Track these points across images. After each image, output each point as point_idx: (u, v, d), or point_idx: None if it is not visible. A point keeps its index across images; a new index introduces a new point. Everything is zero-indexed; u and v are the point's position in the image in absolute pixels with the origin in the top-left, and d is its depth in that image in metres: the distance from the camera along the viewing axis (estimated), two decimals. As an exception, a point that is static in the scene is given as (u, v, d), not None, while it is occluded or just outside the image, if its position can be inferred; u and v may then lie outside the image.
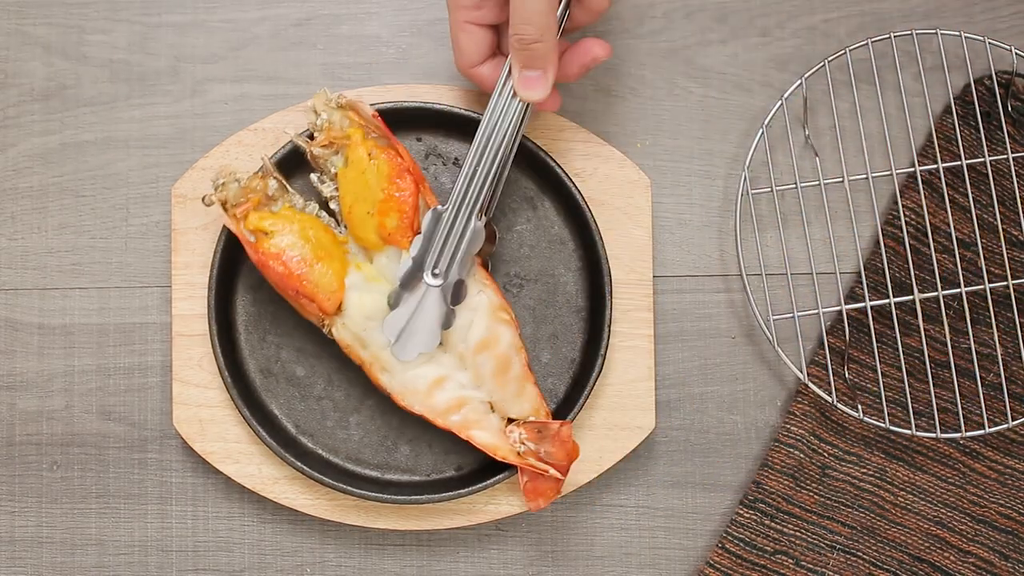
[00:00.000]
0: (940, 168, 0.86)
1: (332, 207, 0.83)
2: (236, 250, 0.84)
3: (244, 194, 0.81)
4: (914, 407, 0.86)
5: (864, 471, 0.86)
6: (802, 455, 0.86)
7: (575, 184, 0.85)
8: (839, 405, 0.85)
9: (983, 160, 0.86)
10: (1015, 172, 0.87)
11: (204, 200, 0.81)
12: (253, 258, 0.81)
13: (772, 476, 0.86)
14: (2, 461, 0.87)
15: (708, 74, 0.89)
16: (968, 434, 0.85)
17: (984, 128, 0.87)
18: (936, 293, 0.85)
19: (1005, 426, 0.85)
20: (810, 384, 0.85)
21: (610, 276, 0.84)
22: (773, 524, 0.86)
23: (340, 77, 0.88)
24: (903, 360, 0.85)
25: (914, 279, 0.85)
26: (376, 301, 0.81)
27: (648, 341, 0.86)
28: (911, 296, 0.85)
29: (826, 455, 0.86)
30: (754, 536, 0.86)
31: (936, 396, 0.86)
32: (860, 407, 0.85)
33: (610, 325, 0.84)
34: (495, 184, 0.81)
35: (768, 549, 0.86)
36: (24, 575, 0.87)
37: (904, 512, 0.86)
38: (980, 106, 0.87)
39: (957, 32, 0.86)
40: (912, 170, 0.87)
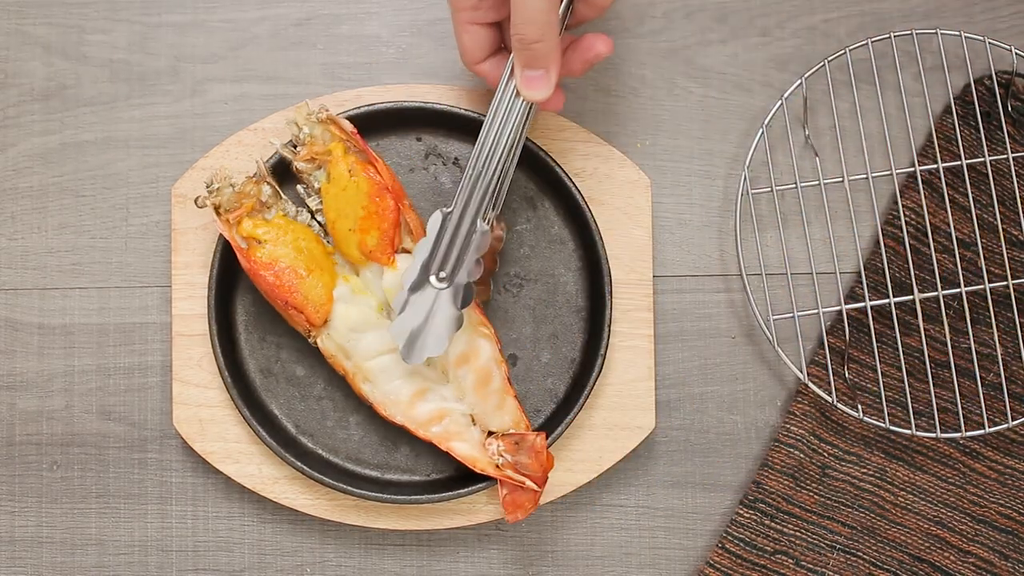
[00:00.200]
0: (940, 168, 0.86)
1: (319, 219, 0.83)
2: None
3: (238, 199, 0.81)
4: (914, 407, 0.86)
5: (864, 471, 0.86)
6: (802, 455, 0.86)
7: (575, 184, 0.85)
8: (839, 405, 0.85)
9: (983, 160, 0.86)
10: (1015, 172, 0.87)
11: (196, 202, 0.80)
12: (244, 265, 0.81)
13: (772, 476, 0.86)
14: (2, 461, 0.87)
15: (708, 74, 0.88)
16: (968, 434, 0.85)
17: (984, 128, 0.87)
18: (936, 293, 0.85)
19: (1005, 426, 0.85)
20: (810, 384, 0.85)
21: (610, 276, 0.84)
22: (773, 524, 0.86)
23: (340, 77, 0.88)
24: (903, 360, 0.85)
25: (914, 279, 0.85)
26: (361, 313, 0.81)
27: (648, 341, 0.86)
28: (911, 296, 0.85)
29: (826, 455, 0.86)
30: (754, 536, 0.86)
31: (936, 396, 0.86)
32: (860, 407, 0.85)
33: (610, 325, 0.84)
34: (500, 184, 0.80)
35: (768, 549, 0.86)
36: (24, 575, 0.87)
37: (904, 512, 0.86)
38: (980, 106, 0.87)
39: (957, 32, 0.86)
40: (912, 170, 0.87)
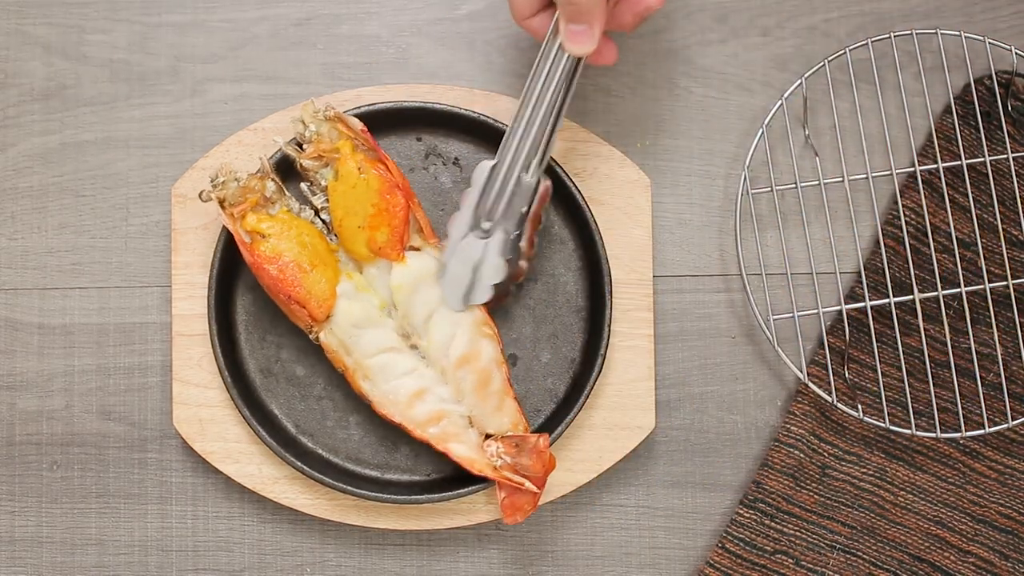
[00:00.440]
0: (940, 168, 0.86)
1: (323, 217, 0.83)
2: (236, 250, 0.84)
3: (242, 194, 0.81)
4: (914, 407, 0.86)
5: (864, 471, 0.86)
6: (802, 455, 0.86)
7: (575, 184, 0.85)
8: (839, 405, 0.85)
9: (983, 160, 0.86)
10: (1015, 172, 0.86)
11: (201, 196, 0.81)
12: (248, 259, 0.81)
13: (772, 476, 0.86)
14: (2, 461, 0.87)
15: (708, 74, 0.88)
16: (968, 434, 0.85)
17: (984, 128, 0.87)
18: (936, 293, 0.85)
19: (1005, 426, 0.85)
20: (810, 384, 0.85)
21: (610, 276, 0.84)
22: (773, 524, 0.86)
23: (340, 77, 0.88)
24: (903, 360, 0.85)
25: (914, 279, 0.85)
26: (364, 310, 0.81)
27: (648, 341, 0.86)
28: (911, 296, 0.85)
29: (826, 455, 0.86)
30: (754, 536, 0.86)
31: (936, 396, 0.86)
32: (860, 407, 0.85)
33: (610, 325, 0.84)
34: (546, 139, 0.80)
35: (768, 549, 0.86)
36: (24, 575, 0.87)
37: (904, 512, 0.86)
38: (980, 106, 0.87)
39: (957, 32, 0.86)
40: (912, 170, 0.87)
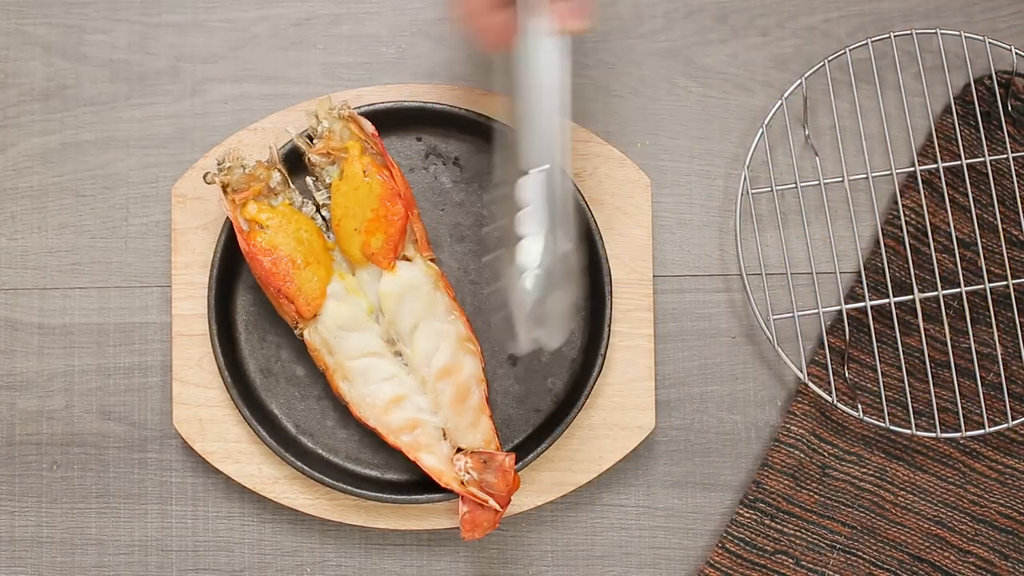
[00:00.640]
0: (940, 168, 0.86)
1: (324, 214, 0.83)
2: (236, 250, 0.84)
3: (247, 181, 0.81)
4: (914, 407, 0.86)
5: (864, 471, 0.86)
6: (802, 455, 0.86)
7: (575, 184, 0.85)
8: (839, 405, 0.85)
9: (983, 160, 0.86)
10: (1015, 172, 0.86)
11: (205, 178, 0.81)
12: (243, 248, 0.81)
13: (772, 476, 0.86)
14: (2, 461, 0.87)
15: (708, 74, 0.88)
16: (968, 434, 0.85)
17: (984, 128, 0.87)
18: (936, 293, 0.85)
19: (1005, 426, 0.85)
20: (810, 384, 0.85)
21: (610, 276, 0.84)
22: (773, 524, 0.86)
23: (340, 77, 0.88)
24: (903, 360, 0.85)
25: (914, 279, 0.85)
26: (352, 313, 0.81)
27: (648, 341, 0.85)
28: (911, 296, 0.85)
29: (826, 455, 0.86)
30: (754, 536, 0.86)
31: (936, 396, 0.86)
32: (860, 407, 0.85)
33: (610, 325, 0.84)
34: (563, 133, 0.75)
35: (768, 549, 0.86)
36: (24, 575, 0.87)
37: (904, 512, 0.86)
38: (980, 106, 0.87)
39: (957, 32, 0.86)
40: (912, 170, 0.87)
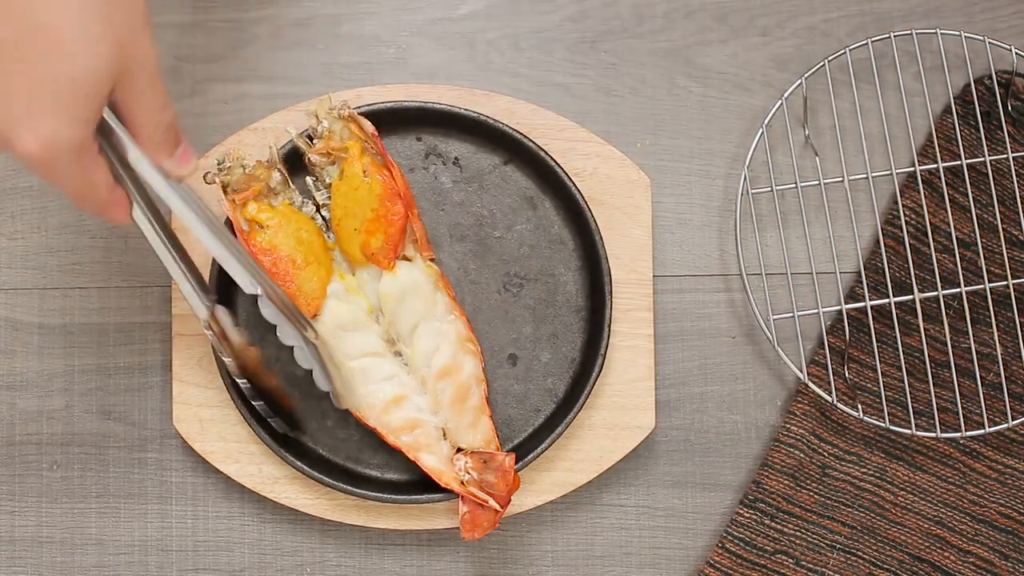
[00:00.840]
0: (940, 168, 0.86)
1: (324, 214, 0.83)
2: (236, 250, 0.84)
3: (247, 182, 0.81)
4: (914, 407, 0.86)
5: (864, 471, 0.86)
6: (802, 455, 0.86)
7: (575, 184, 0.85)
8: (839, 405, 0.85)
9: (983, 160, 0.86)
10: (1015, 172, 0.86)
11: (205, 178, 0.80)
12: (243, 247, 0.81)
13: (772, 476, 0.86)
14: (2, 461, 0.87)
15: (708, 74, 0.88)
16: (968, 434, 0.85)
17: (984, 128, 0.87)
18: (936, 293, 0.85)
19: (1005, 426, 0.85)
20: (810, 384, 0.85)
21: (610, 276, 0.84)
22: (773, 524, 0.86)
23: (340, 77, 0.88)
24: (903, 360, 0.85)
25: (914, 279, 0.85)
26: (352, 313, 0.81)
27: (648, 341, 0.85)
28: (911, 296, 0.85)
29: (826, 455, 0.86)
30: (754, 536, 0.86)
31: (936, 396, 0.86)
32: (860, 407, 0.85)
33: (610, 325, 0.84)
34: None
35: (768, 549, 0.86)
36: (24, 575, 0.87)
37: (904, 512, 0.86)
38: (980, 106, 0.87)
39: (957, 32, 0.86)
40: (912, 170, 0.87)
